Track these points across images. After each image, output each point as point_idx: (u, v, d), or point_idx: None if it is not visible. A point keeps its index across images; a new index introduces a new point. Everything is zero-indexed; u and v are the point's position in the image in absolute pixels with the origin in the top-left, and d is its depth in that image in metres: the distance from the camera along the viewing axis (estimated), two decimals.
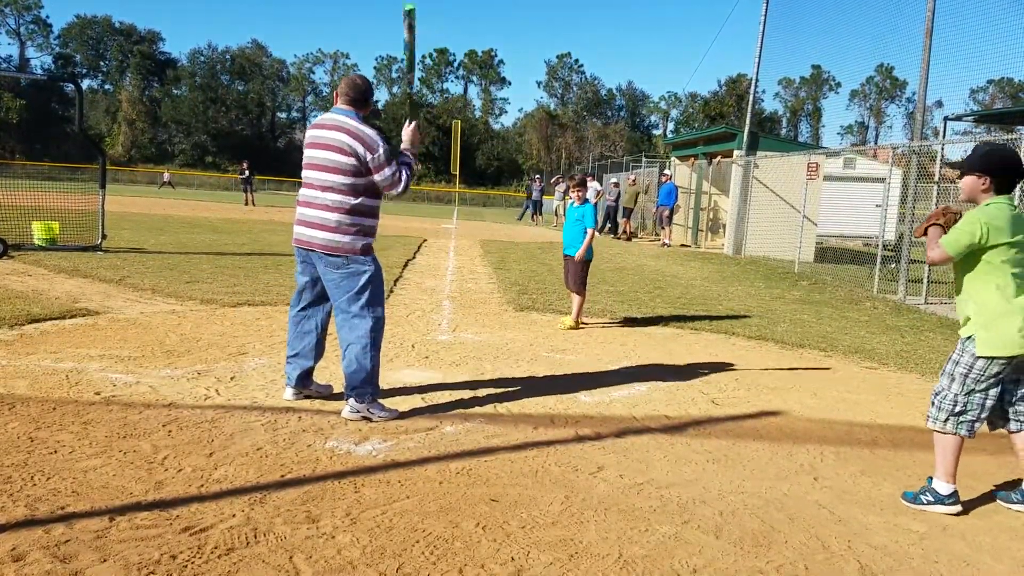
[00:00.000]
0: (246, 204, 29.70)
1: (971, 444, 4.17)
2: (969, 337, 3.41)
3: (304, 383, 4.45)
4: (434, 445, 3.85)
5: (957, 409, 3.41)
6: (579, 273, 7.52)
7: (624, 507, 3.24)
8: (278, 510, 2.99)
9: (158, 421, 3.93)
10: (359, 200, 4.07)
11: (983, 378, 3.36)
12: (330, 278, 4.13)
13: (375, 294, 4.16)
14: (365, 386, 4.13)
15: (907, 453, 4.27)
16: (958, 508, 3.43)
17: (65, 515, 2.83)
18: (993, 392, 3.38)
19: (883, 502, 3.52)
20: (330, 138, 4.06)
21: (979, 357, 3.35)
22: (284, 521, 2.90)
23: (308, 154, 4.14)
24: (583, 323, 7.52)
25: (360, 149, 4.01)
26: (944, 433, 3.46)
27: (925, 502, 3.46)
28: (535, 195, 31.11)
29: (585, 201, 7.62)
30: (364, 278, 4.10)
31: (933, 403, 3.50)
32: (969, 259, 3.41)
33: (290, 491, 3.18)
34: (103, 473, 3.23)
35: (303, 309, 4.35)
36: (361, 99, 4.20)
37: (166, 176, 50.36)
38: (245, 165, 30.69)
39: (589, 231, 7.51)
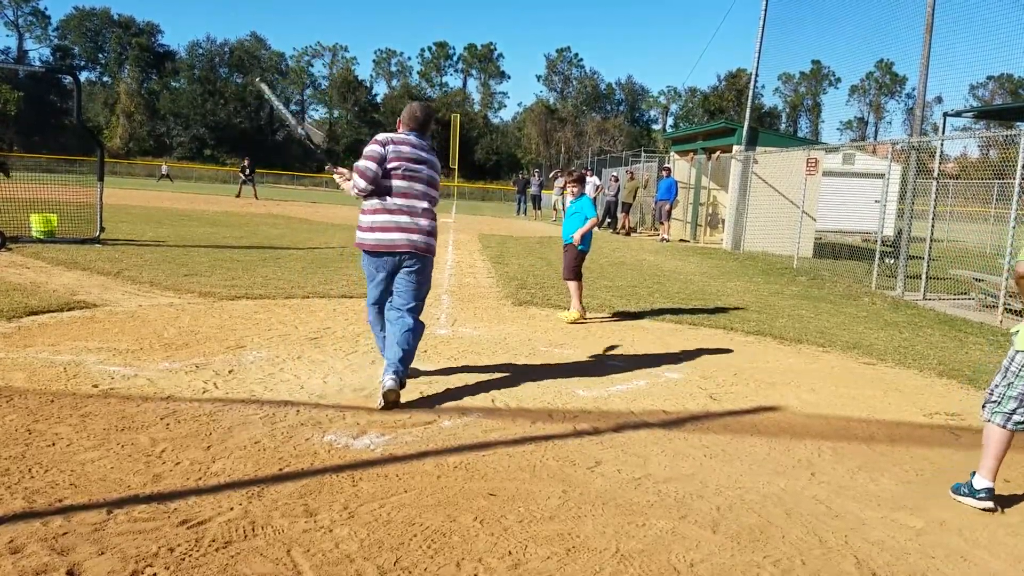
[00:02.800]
0: (238, 196, 29.85)
1: (969, 440, 4.19)
2: (1016, 332, 3.46)
3: None
4: (432, 439, 3.85)
5: (994, 398, 3.49)
6: (572, 261, 7.58)
7: (621, 502, 3.24)
8: (276, 504, 2.99)
9: (156, 414, 3.93)
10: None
11: (1019, 371, 3.40)
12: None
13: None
14: (411, 354, 4.53)
15: (904, 448, 4.27)
16: (988, 504, 3.43)
17: (63, 508, 2.83)
18: None
19: (880, 497, 3.53)
20: (425, 158, 4.66)
21: (1019, 351, 3.41)
22: (282, 514, 2.90)
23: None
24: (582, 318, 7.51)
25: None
26: (986, 423, 3.51)
27: (963, 493, 3.51)
28: (534, 189, 31.13)
29: (582, 195, 7.66)
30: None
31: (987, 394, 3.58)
32: None
33: (288, 485, 3.18)
34: (101, 466, 3.23)
35: None
36: (422, 124, 4.76)
37: (164, 169, 50.50)
38: (246, 162, 31.14)
39: (590, 219, 7.60)
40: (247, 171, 30.64)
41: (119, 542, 2.60)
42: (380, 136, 4.59)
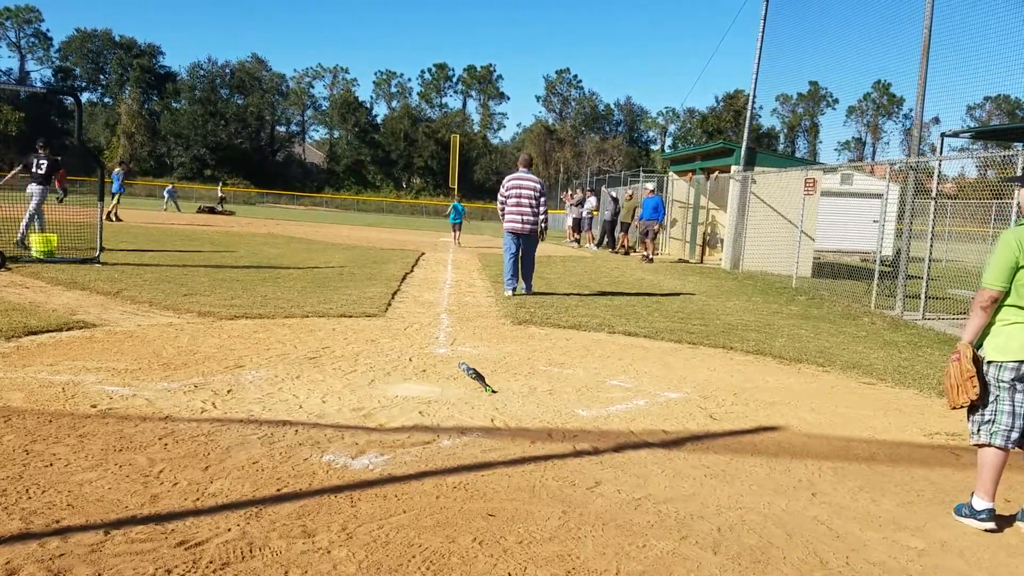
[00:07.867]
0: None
1: (970, 460, 4.17)
2: (980, 346, 3.50)
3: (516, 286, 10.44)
4: (431, 459, 3.84)
5: (986, 417, 3.47)
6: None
7: (622, 522, 3.23)
8: (274, 524, 2.97)
9: (154, 434, 3.92)
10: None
11: (997, 384, 3.42)
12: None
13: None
14: (531, 281, 10.63)
15: (905, 469, 4.26)
16: (990, 525, 3.42)
17: (60, 529, 2.81)
18: (1019, 398, 3.41)
19: (881, 518, 3.51)
20: (527, 185, 10.33)
21: (990, 363, 3.44)
22: (280, 535, 2.88)
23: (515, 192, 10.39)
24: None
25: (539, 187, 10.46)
26: (980, 445, 3.50)
27: (963, 514, 3.49)
28: (585, 212, 26.83)
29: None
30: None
31: (968, 417, 3.55)
32: None
33: (286, 505, 3.16)
34: (98, 486, 3.22)
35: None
36: (528, 164, 10.61)
37: (219, 192, 41.77)
38: (172, 185, 34.19)
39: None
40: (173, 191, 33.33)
41: (116, 563, 2.59)
42: (505, 179, 10.46)
